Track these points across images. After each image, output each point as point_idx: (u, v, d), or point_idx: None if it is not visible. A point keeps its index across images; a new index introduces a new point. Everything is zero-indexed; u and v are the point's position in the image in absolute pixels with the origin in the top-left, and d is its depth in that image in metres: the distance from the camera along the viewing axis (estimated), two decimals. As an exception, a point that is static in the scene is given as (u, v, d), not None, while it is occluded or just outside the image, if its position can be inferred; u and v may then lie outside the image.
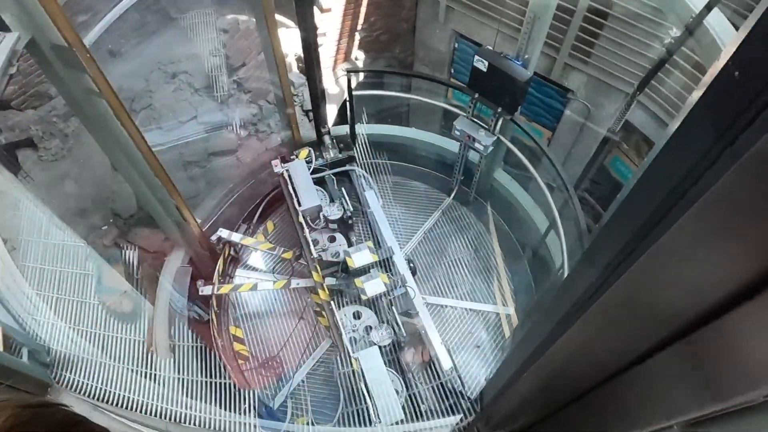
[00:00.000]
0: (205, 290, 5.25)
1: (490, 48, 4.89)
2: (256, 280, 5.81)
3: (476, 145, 5.46)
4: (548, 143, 8.25)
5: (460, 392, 4.67)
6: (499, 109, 5.07)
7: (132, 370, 2.23)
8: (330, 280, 5.18)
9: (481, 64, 4.82)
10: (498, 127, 5.31)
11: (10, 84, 3.54)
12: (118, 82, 7.03)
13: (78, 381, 2.02)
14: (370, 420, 4.11)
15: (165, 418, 1.97)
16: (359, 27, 8.74)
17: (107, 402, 1.97)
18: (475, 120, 5.45)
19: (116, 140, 4.02)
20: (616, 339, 0.70)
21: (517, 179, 6.39)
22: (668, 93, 6.02)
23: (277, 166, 5.71)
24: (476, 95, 5.17)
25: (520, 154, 5.67)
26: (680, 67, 5.76)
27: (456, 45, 8.70)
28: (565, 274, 5.03)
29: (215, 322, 5.29)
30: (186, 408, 2.21)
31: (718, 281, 0.49)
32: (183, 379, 2.95)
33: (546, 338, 0.76)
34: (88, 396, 1.99)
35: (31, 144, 6.66)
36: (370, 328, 4.90)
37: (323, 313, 5.08)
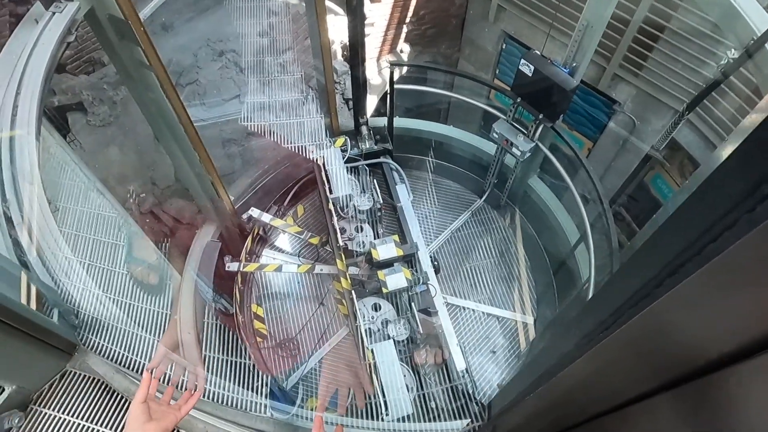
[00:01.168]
0: (232, 267, 5.38)
1: (538, 53, 4.80)
2: (282, 261, 5.92)
3: (513, 149, 5.39)
4: (588, 154, 8.08)
5: (471, 395, 4.67)
6: (541, 116, 4.99)
7: (154, 341, 2.32)
8: (353, 270, 5.22)
9: (527, 68, 4.74)
10: (537, 133, 5.23)
11: (67, 49, 3.69)
12: (168, 56, 7.24)
13: (103, 345, 2.12)
14: (377, 412, 4.15)
15: (180, 389, 2.05)
16: (407, 20, 8.70)
17: (128, 368, 2.07)
18: (515, 124, 5.38)
19: (161, 112, 4.14)
20: (627, 374, 0.69)
21: (551, 188, 6.29)
22: (721, 114, 5.80)
23: (313, 152, 5.77)
24: (518, 99, 5.09)
25: (557, 163, 5.56)
26: (736, 89, 5.54)
27: (504, 46, 8.58)
28: (591, 290, 4.94)
29: (239, 299, 5.42)
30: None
31: (728, 336, 0.49)
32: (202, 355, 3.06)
33: (556, 363, 0.76)
34: (112, 360, 2.09)
35: (81, 108, 6.92)
36: (388, 321, 4.93)
37: (343, 301, 5.14)
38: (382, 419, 4.08)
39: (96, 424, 1.94)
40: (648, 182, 7.41)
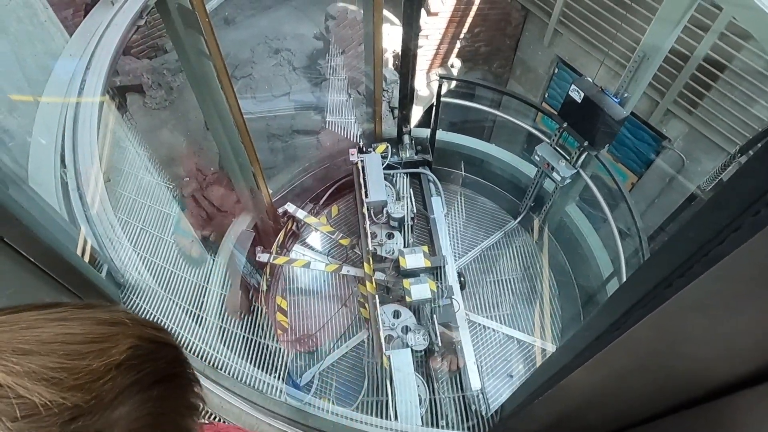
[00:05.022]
0: (263, 257, 5.49)
1: (590, 80, 4.76)
2: (311, 258, 6.02)
3: (554, 174, 5.34)
4: (631, 188, 7.89)
5: (482, 415, 4.61)
6: (585, 143, 4.93)
7: (185, 309, 2.42)
8: (379, 275, 5.26)
9: (577, 95, 4.71)
10: (580, 161, 5.16)
11: (135, 33, 3.90)
12: (227, 49, 7.51)
13: (142, 307, 2.23)
14: (388, 414, 4.16)
15: (205, 360, 2.12)
16: (462, 35, 8.75)
17: (161, 332, 2.16)
18: (558, 149, 5.33)
19: (214, 101, 4.32)
20: (634, 392, 0.70)
21: (589, 218, 6.18)
22: (775, 161, 5.58)
23: (354, 155, 5.87)
24: (565, 124, 5.05)
25: (597, 193, 5.47)
26: (795, 137, 5.33)
27: (555, 70, 8.51)
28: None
29: (265, 290, 5.53)
30: (223, 356, 2.38)
31: (738, 356, 0.50)
32: (225, 329, 3.15)
33: (564, 367, 0.77)
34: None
35: (140, 90, 7.25)
36: (408, 329, 4.94)
37: (366, 304, 5.18)
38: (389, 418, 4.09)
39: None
40: (691, 224, 7.18)
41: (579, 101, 4.71)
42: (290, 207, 5.81)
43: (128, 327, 0.58)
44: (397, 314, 5.08)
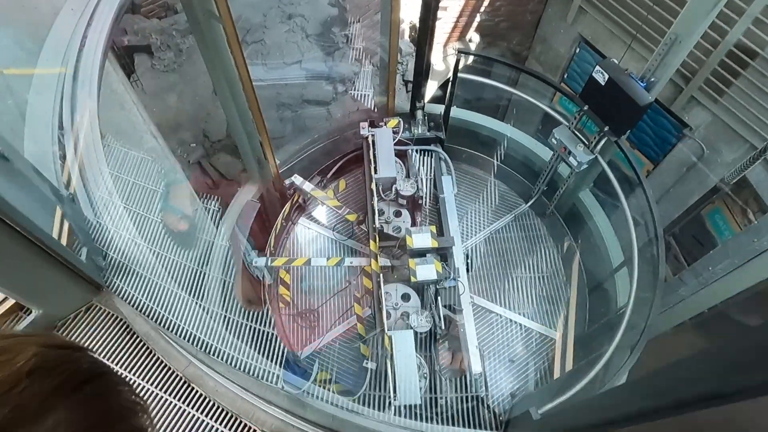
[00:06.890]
0: (259, 262, 5.20)
1: (615, 62, 4.54)
2: (316, 233, 5.92)
3: (570, 158, 5.16)
4: (646, 175, 7.70)
5: (482, 399, 4.57)
6: (606, 128, 4.74)
7: (179, 293, 2.32)
8: (384, 262, 5.13)
9: (601, 77, 4.50)
10: (599, 146, 4.98)
11: (144, -10, 3.72)
12: (238, 11, 7.26)
13: (126, 290, 2.13)
14: (387, 402, 4.13)
15: (195, 344, 2.04)
16: (482, 9, 8.45)
17: (147, 315, 2.08)
18: (577, 133, 5.13)
19: (223, 66, 4.14)
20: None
21: (602, 204, 6.02)
22: (803, 157, 5.38)
23: (365, 129, 5.70)
24: (585, 107, 4.85)
25: (614, 180, 5.30)
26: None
27: (577, 50, 8.21)
28: (627, 317, 4.72)
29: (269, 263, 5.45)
30: (215, 340, 2.29)
31: None
32: (218, 313, 3.05)
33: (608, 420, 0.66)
34: (131, 305, 2.10)
35: (148, 51, 7.05)
36: (411, 311, 4.87)
37: (361, 301, 5.12)
38: (389, 404, 4.06)
39: (112, 363, 1.96)
40: (705, 215, 7.00)
41: (602, 84, 4.51)
42: (297, 179, 5.68)
43: (26, 338, 0.54)
44: (401, 294, 5.01)
